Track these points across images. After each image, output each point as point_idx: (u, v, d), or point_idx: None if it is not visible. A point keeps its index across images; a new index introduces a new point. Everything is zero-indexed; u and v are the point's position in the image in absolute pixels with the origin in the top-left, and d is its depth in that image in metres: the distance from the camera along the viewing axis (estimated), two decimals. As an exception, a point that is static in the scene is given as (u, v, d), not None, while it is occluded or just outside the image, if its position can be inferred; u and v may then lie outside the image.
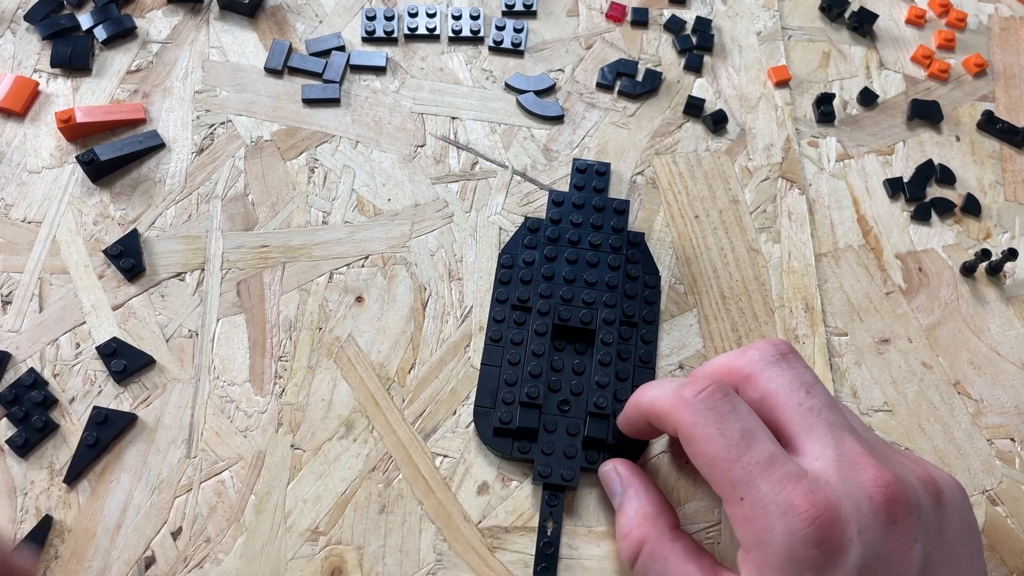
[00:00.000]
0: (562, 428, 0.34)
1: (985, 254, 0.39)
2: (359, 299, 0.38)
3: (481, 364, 0.36)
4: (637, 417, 0.30)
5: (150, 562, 0.32)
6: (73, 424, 0.35)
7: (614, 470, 0.32)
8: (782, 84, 0.45)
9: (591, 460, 0.34)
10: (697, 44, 0.46)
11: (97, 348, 0.36)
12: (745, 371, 0.28)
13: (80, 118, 0.41)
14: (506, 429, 0.34)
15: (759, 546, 0.25)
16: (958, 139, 0.45)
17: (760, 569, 0.25)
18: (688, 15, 0.48)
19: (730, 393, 0.27)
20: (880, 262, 0.40)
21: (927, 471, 0.27)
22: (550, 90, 0.44)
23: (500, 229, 0.40)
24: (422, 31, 0.46)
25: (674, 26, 0.47)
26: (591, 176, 0.40)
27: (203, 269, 0.38)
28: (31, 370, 0.35)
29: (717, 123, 0.43)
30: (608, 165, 0.41)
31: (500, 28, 0.46)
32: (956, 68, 0.47)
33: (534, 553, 0.32)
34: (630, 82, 0.45)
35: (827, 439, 0.26)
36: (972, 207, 0.42)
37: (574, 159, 0.41)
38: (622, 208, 0.39)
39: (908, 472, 0.26)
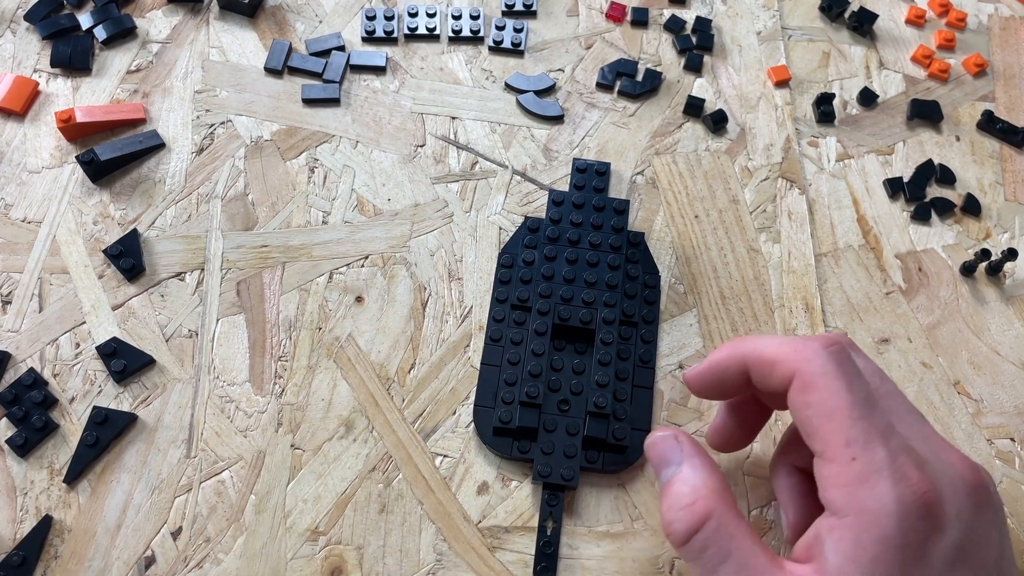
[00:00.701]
0: (562, 428, 0.34)
1: (985, 254, 0.39)
2: (359, 299, 0.38)
3: (481, 364, 0.36)
4: (731, 364, 0.28)
5: (150, 562, 0.32)
6: (73, 424, 0.35)
7: (674, 437, 0.29)
8: (782, 84, 0.45)
9: (591, 460, 0.34)
10: (697, 44, 0.46)
11: (97, 348, 0.36)
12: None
13: (80, 118, 0.41)
14: (506, 429, 0.34)
15: (862, 512, 0.24)
16: (958, 139, 0.45)
17: (858, 537, 0.24)
18: (688, 15, 0.48)
19: (852, 355, 0.27)
20: (880, 262, 0.40)
21: (977, 463, 0.27)
22: (550, 90, 0.44)
23: (500, 229, 0.40)
24: (422, 31, 0.46)
25: (674, 26, 0.47)
26: (591, 176, 0.40)
27: (203, 269, 0.38)
28: (31, 370, 0.35)
29: (717, 123, 0.43)
30: (608, 165, 0.41)
31: (500, 28, 0.46)
32: (956, 68, 0.47)
33: (534, 553, 0.32)
34: (630, 82, 0.45)
35: (911, 423, 0.26)
36: (972, 207, 0.42)
37: (574, 159, 0.41)
38: (622, 208, 0.39)
39: (975, 462, 0.26)
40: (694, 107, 0.44)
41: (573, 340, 0.36)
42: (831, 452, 0.25)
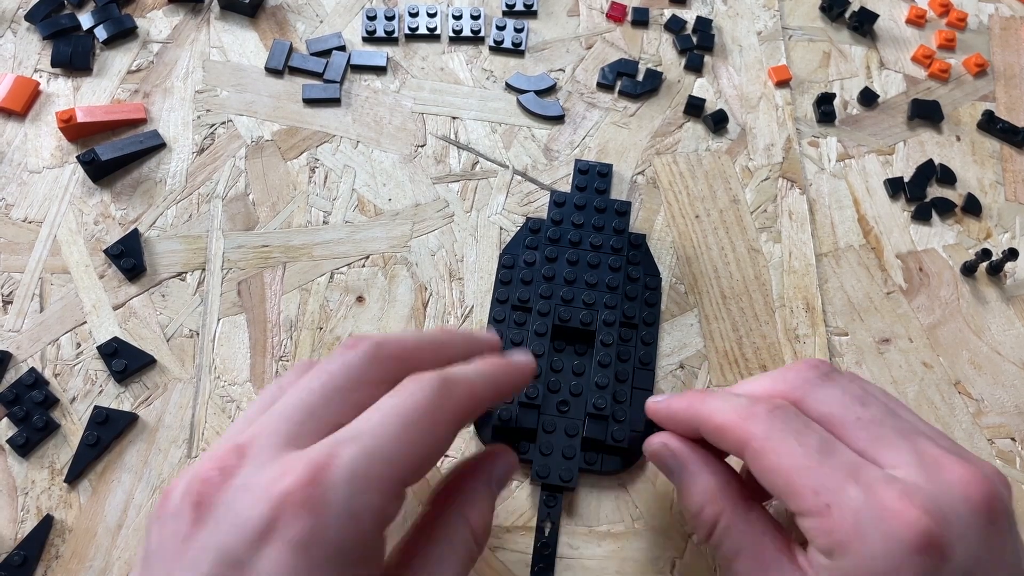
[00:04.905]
0: (561, 429, 0.34)
1: (985, 254, 0.39)
2: (360, 299, 0.38)
3: (481, 364, 0.36)
4: (687, 421, 0.28)
5: (151, 562, 0.32)
6: (74, 424, 0.35)
7: (664, 446, 0.29)
8: (782, 84, 0.45)
9: (590, 461, 0.34)
10: (697, 44, 0.46)
11: (98, 348, 0.36)
12: (791, 396, 0.27)
13: (81, 118, 0.41)
14: (505, 429, 0.34)
15: (846, 555, 0.23)
16: (958, 139, 0.45)
17: None
18: (688, 15, 0.48)
19: (798, 411, 0.26)
20: (881, 262, 0.40)
21: (989, 464, 0.25)
22: (550, 90, 0.44)
23: (501, 229, 0.40)
24: (422, 31, 0.46)
25: (674, 26, 0.47)
26: (593, 177, 0.40)
27: (204, 269, 0.38)
28: (32, 370, 0.35)
29: (717, 123, 0.43)
30: (610, 166, 0.41)
31: (500, 28, 0.46)
32: (956, 68, 0.47)
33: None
34: (631, 82, 0.45)
35: (900, 446, 0.24)
36: (972, 207, 0.42)
37: (576, 160, 0.41)
38: (624, 209, 0.39)
39: (986, 467, 0.24)
40: (695, 107, 0.44)
41: (573, 341, 0.36)
42: (804, 506, 0.24)
